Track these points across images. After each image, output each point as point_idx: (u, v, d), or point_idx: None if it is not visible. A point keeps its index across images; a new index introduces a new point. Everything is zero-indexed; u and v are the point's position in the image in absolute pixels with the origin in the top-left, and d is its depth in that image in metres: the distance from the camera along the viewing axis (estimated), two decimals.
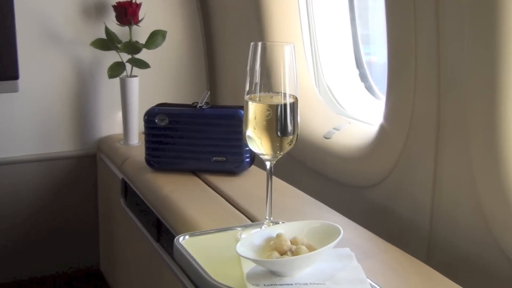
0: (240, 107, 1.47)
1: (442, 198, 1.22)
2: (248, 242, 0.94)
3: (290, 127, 0.98)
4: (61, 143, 2.02)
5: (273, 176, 1.05)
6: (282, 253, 0.92)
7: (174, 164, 1.53)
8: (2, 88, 1.84)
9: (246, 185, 1.44)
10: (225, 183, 1.45)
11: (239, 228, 1.11)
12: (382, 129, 1.37)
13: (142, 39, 1.89)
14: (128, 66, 1.88)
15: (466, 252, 1.17)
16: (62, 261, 2.09)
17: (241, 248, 0.92)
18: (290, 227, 0.99)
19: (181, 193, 1.42)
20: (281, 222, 1.09)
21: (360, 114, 1.72)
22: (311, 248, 0.93)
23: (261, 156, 1.02)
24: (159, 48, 1.89)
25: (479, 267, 1.14)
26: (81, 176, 2.07)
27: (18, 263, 2.04)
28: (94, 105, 2.02)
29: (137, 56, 1.88)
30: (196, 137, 1.50)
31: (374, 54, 1.89)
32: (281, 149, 0.99)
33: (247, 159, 1.50)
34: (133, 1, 1.87)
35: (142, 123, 1.56)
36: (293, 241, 0.94)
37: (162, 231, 1.42)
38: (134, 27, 1.89)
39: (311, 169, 1.65)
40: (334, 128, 1.62)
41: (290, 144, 1.00)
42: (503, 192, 1.06)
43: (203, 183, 1.48)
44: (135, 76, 1.89)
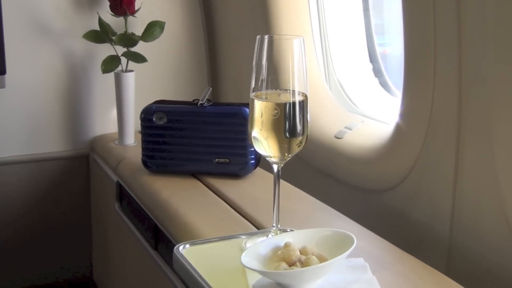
0: (245, 105, 1.48)
1: (464, 203, 1.22)
2: (254, 252, 0.94)
3: (300, 128, 0.98)
4: (51, 143, 2.02)
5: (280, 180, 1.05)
6: (291, 264, 0.92)
7: (173, 166, 1.53)
8: None
9: (251, 189, 1.44)
10: (228, 187, 1.45)
11: (244, 237, 1.10)
12: (398, 128, 1.37)
13: (139, 31, 1.89)
14: (124, 60, 1.88)
15: (490, 262, 1.16)
16: (51, 270, 2.09)
17: (246, 259, 0.91)
18: (299, 236, 0.98)
19: (181, 198, 1.41)
20: (289, 230, 1.09)
21: (374, 112, 1.71)
22: (322, 259, 0.92)
23: (268, 159, 1.01)
24: (157, 41, 1.89)
25: (504, 278, 1.14)
26: (73, 179, 2.07)
27: (3, 273, 2.04)
28: (87, 102, 2.02)
29: (133, 49, 1.88)
30: (197, 137, 1.50)
31: (389, 45, 1.88)
32: (290, 151, 0.99)
33: (252, 161, 1.49)
34: None
35: (139, 122, 1.56)
36: (303, 251, 0.93)
37: (160, 239, 1.42)
38: (130, 18, 1.89)
39: (321, 172, 1.64)
40: (346, 127, 1.62)
41: (299, 146, 0.99)
42: None
43: (205, 187, 1.48)
44: (131, 71, 1.89)
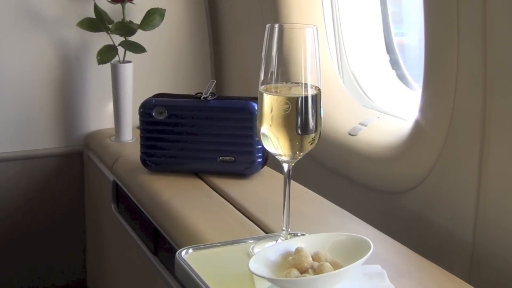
0: (252, 99, 1.48)
1: (488, 206, 1.21)
2: (263, 258, 0.94)
3: (312, 124, 0.98)
4: (42, 139, 2.02)
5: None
6: (303, 271, 0.91)
7: (175, 165, 1.53)
8: None
9: (258, 190, 1.44)
10: (234, 187, 1.45)
11: (251, 241, 1.10)
12: (418, 125, 1.37)
13: (137, 19, 1.89)
14: (121, 50, 1.88)
15: None
16: (42, 276, 2.09)
17: (254, 265, 0.91)
18: (312, 240, 0.98)
19: (183, 199, 1.41)
20: (300, 234, 1.09)
21: (391, 107, 1.71)
22: (336, 265, 0.92)
23: (278, 157, 1.01)
24: (157, 30, 1.89)
25: None
26: (65, 178, 2.07)
27: None
28: (81, 95, 2.02)
29: (131, 39, 1.88)
30: (200, 133, 1.50)
31: (407, 35, 1.88)
32: (302, 149, 0.99)
33: (259, 159, 1.49)
34: None
35: (137, 117, 1.56)
36: (315, 257, 0.93)
37: (160, 243, 1.42)
38: (128, 5, 1.89)
39: (334, 171, 1.64)
40: (361, 124, 1.62)
41: (312, 144, 0.99)
42: None
43: (208, 187, 1.48)
44: (129, 62, 1.89)
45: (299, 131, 0.97)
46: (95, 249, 2.02)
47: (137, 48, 1.87)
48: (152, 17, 1.88)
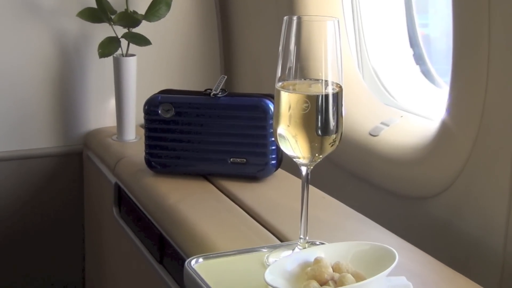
0: (265, 96, 1.48)
1: None
2: (279, 269, 0.94)
3: (333, 124, 0.98)
4: (38, 138, 2.03)
5: None
6: (322, 283, 0.91)
7: (182, 167, 1.53)
8: None
9: (272, 194, 1.44)
10: (246, 191, 1.45)
11: (265, 250, 1.10)
12: (444, 126, 1.36)
13: (142, 9, 1.89)
14: (124, 43, 1.88)
15: None
16: (38, 284, 2.10)
17: (271, 276, 0.91)
18: (332, 250, 0.98)
19: (191, 203, 1.42)
20: (319, 243, 1.09)
21: (416, 106, 1.71)
22: (359, 277, 0.92)
23: (296, 160, 1.01)
24: (163, 21, 1.89)
25: None
26: (63, 179, 2.08)
27: None
28: (81, 91, 2.03)
29: (135, 30, 1.88)
30: (210, 133, 1.50)
31: (429, 26, 1.88)
32: (321, 152, 0.99)
33: (273, 161, 1.49)
34: None
35: (141, 114, 1.56)
36: (336, 268, 0.93)
37: (166, 251, 1.42)
38: None
39: (353, 175, 1.64)
40: (382, 123, 1.61)
41: (333, 145, 0.99)
42: None
43: (218, 191, 1.48)
44: (133, 55, 1.89)
45: (319, 132, 0.97)
46: (95, 257, 2.02)
47: (142, 41, 1.87)
48: (158, 7, 1.88)
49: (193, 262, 1.06)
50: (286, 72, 0.98)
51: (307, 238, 1.05)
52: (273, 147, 1.48)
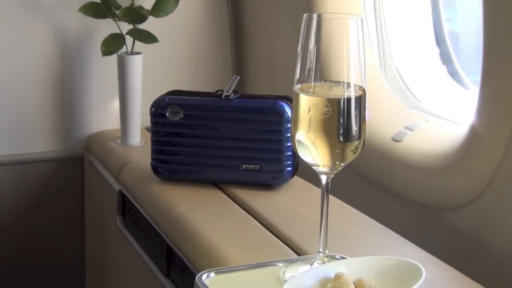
0: (280, 98, 1.48)
1: None
2: (298, 284, 0.94)
3: (356, 129, 0.98)
4: (37, 141, 2.03)
5: None
6: None
7: (191, 173, 1.54)
8: None
9: (288, 203, 1.44)
10: (259, 200, 1.45)
11: (282, 264, 1.10)
12: (474, 131, 1.36)
13: (148, 4, 1.89)
14: (129, 40, 1.89)
15: None
16: None
17: None
18: (354, 265, 0.98)
19: (200, 213, 1.42)
20: (340, 257, 1.09)
21: (442, 109, 1.71)
22: None
23: (315, 168, 1.01)
24: (171, 16, 1.89)
25: None
26: (64, 185, 2.08)
27: None
28: (82, 91, 2.03)
29: (141, 27, 1.88)
30: (221, 137, 1.50)
31: (458, 21, 1.87)
32: (343, 159, 0.99)
33: (289, 168, 1.49)
34: None
35: (147, 117, 1.57)
36: (358, 284, 0.93)
37: (174, 264, 1.42)
38: None
39: (375, 183, 1.64)
40: (406, 128, 1.61)
41: (355, 152, 0.99)
42: None
43: (230, 200, 1.48)
44: (138, 53, 1.89)
45: (341, 138, 0.97)
46: (97, 269, 2.02)
47: (148, 38, 1.87)
48: (166, 2, 1.89)
49: (204, 277, 1.06)
50: (306, 74, 0.98)
51: (327, 252, 1.05)
52: (289, 153, 1.48)
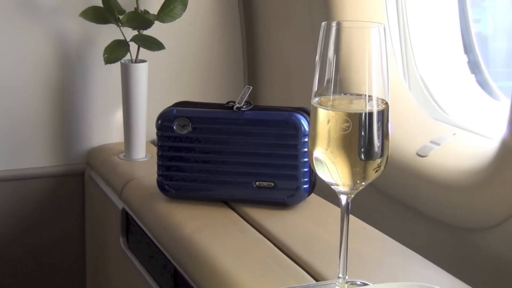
0: (296, 110, 1.48)
1: None
2: None
3: (378, 146, 0.98)
4: (34, 156, 2.03)
5: None
6: None
7: (200, 191, 1.54)
8: None
9: (305, 224, 1.44)
10: (274, 220, 1.45)
11: None
12: (505, 146, 1.36)
13: (154, 8, 1.90)
14: (134, 47, 1.89)
15: None
16: None
17: None
18: None
19: (209, 233, 1.42)
20: (361, 283, 1.09)
21: (471, 122, 1.70)
22: None
23: (334, 188, 1.01)
24: (178, 21, 1.90)
25: None
26: (63, 203, 2.08)
27: None
28: (83, 102, 2.03)
29: (146, 33, 1.89)
30: (232, 152, 1.50)
31: (487, 22, 1.87)
32: (364, 178, 0.99)
33: (306, 185, 1.49)
34: None
35: (153, 130, 1.57)
36: None
37: None
38: None
39: (398, 201, 1.64)
40: (432, 142, 1.61)
41: (377, 171, 0.99)
42: None
43: (241, 219, 1.48)
44: (143, 61, 1.90)
45: (362, 156, 0.97)
46: None
47: (154, 44, 1.88)
48: (173, 6, 1.89)
49: None
50: (324, 86, 0.98)
51: (347, 278, 1.05)
52: (306, 169, 1.48)
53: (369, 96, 0.97)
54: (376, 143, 0.98)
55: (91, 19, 1.89)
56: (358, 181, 1.00)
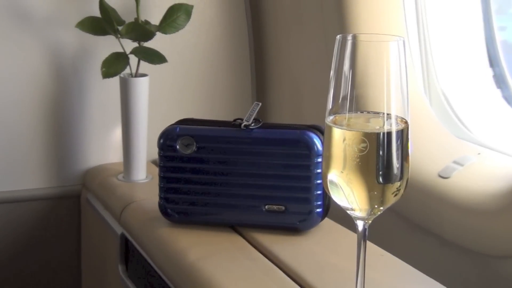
0: (308, 128, 1.48)
1: None
2: None
3: (397, 168, 0.98)
4: (28, 177, 2.03)
5: None
6: None
7: (205, 215, 1.54)
8: None
9: (318, 250, 1.44)
10: (285, 246, 1.45)
11: None
12: None
13: (156, 18, 1.91)
14: (134, 60, 1.90)
15: None
16: None
17: None
18: None
19: (215, 261, 1.42)
20: None
21: (497, 140, 1.70)
22: None
23: (351, 213, 1.02)
24: (182, 33, 1.91)
25: None
26: (57, 228, 2.09)
27: None
28: (80, 119, 2.04)
29: (147, 45, 1.89)
30: (239, 173, 1.50)
31: (508, 29, 1.88)
32: (383, 203, 0.99)
33: (319, 209, 1.49)
34: None
35: (154, 149, 1.57)
36: None
37: None
38: (144, 0, 1.90)
39: (418, 226, 1.64)
40: (455, 162, 1.61)
41: (396, 195, 0.99)
42: None
43: (250, 246, 1.48)
44: (144, 76, 1.90)
45: (380, 179, 0.98)
46: None
47: (155, 57, 1.88)
48: (176, 16, 1.89)
49: None
50: (339, 103, 0.98)
51: None
52: (319, 192, 1.48)
53: (388, 114, 0.98)
54: (395, 165, 0.98)
55: (88, 31, 1.90)
56: (376, 206, 1.00)
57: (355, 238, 1.06)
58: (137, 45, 1.90)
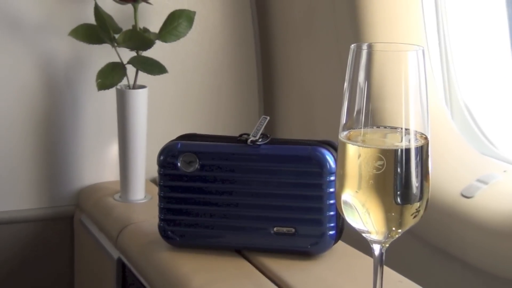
0: (320, 143, 1.48)
1: None
2: None
3: (417, 188, 0.98)
4: (18, 197, 2.04)
5: None
6: None
7: (208, 238, 1.54)
8: None
9: (330, 276, 1.44)
10: (295, 272, 1.45)
11: None
12: None
13: (155, 26, 1.91)
14: (131, 70, 1.90)
15: None
16: None
17: None
18: None
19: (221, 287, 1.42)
20: None
21: None
22: None
23: (366, 236, 1.02)
24: (183, 41, 1.91)
25: None
26: (48, 251, 2.09)
27: None
28: (73, 134, 2.04)
29: (146, 54, 1.90)
30: (246, 193, 1.50)
31: None
32: (401, 225, 0.99)
33: (331, 231, 1.49)
34: None
35: (154, 166, 1.57)
36: None
37: None
38: (142, 6, 1.91)
39: (439, 250, 1.64)
40: (479, 181, 1.61)
41: (416, 217, 0.99)
42: None
43: (257, 271, 1.48)
44: (143, 87, 1.91)
45: (398, 200, 0.98)
46: None
47: (155, 67, 1.89)
48: (177, 23, 1.90)
49: None
50: (354, 117, 0.99)
51: None
52: (332, 213, 1.48)
53: (406, 130, 0.98)
54: (414, 184, 0.98)
55: (83, 39, 1.90)
56: (394, 228, 1.00)
57: (371, 263, 1.07)
58: (135, 55, 1.90)
